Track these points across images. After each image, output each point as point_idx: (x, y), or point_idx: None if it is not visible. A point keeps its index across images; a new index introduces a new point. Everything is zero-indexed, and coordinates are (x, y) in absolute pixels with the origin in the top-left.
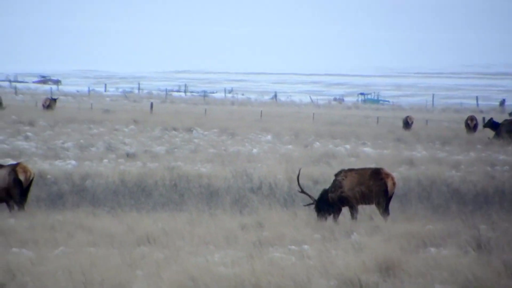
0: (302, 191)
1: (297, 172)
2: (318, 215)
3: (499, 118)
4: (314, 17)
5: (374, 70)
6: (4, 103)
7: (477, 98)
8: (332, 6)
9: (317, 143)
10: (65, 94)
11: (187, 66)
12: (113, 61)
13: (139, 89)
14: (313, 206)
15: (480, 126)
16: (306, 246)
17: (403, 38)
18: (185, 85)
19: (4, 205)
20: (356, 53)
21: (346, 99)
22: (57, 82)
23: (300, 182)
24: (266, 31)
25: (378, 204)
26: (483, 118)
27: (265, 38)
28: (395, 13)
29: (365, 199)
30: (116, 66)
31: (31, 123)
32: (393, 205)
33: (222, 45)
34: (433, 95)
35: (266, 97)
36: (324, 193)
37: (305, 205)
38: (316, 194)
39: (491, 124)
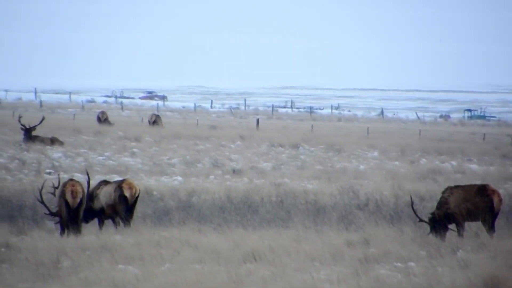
0: (421, 220)
1: (403, 189)
2: (430, 232)
3: None
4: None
5: (480, 86)
6: (111, 119)
7: None
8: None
9: (423, 159)
10: (171, 110)
11: (294, 82)
12: (220, 77)
13: (245, 105)
14: (422, 223)
15: None
16: (412, 263)
17: (510, 52)
18: (292, 101)
19: (110, 221)
20: (462, 69)
21: (452, 115)
22: (163, 98)
23: (404, 199)
24: (373, 46)
25: (484, 221)
26: None
27: (372, 53)
28: (502, 28)
29: (471, 215)
30: (222, 82)
31: (137, 139)
32: (499, 221)
33: (329, 61)
34: None
35: (373, 114)
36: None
37: (419, 220)
38: (422, 211)
39: None
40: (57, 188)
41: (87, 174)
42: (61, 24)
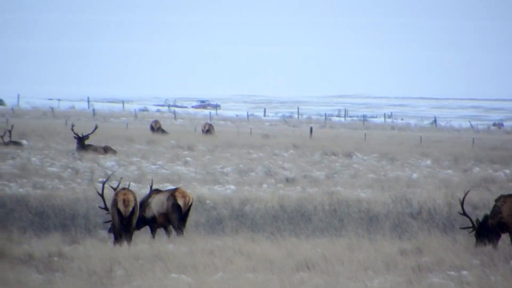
0: (464, 214)
1: (456, 197)
2: (477, 240)
3: None
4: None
5: None
6: (164, 128)
7: None
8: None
9: (476, 168)
10: (224, 119)
11: (347, 91)
12: (273, 86)
13: (298, 114)
14: (470, 231)
15: None
16: (465, 272)
17: None
18: (345, 110)
19: (162, 230)
20: None
21: (505, 123)
22: (216, 106)
23: (457, 207)
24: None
25: None
26: None
27: (425, 62)
28: None
29: None
30: (275, 91)
31: (190, 148)
32: None
33: (382, 70)
34: None
35: (426, 122)
36: (485, 219)
37: (461, 228)
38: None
39: None
40: (115, 189)
41: (151, 183)
42: (113, 34)
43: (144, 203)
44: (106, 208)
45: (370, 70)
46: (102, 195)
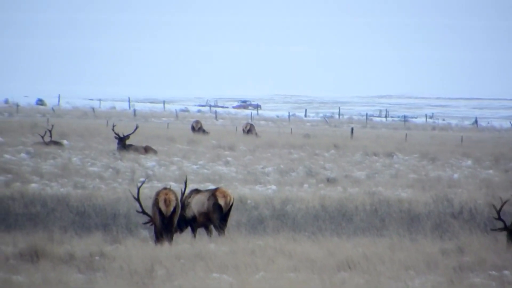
0: (499, 218)
1: (497, 198)
2: (508, 241)
3: None
4: None
5: None
6: (205, 128)
7: None
8: None
9: None
10: (265, 119)
11: (388, 91)
12: (314, 86)
13: (339, 114)
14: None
15: None
16: (506, 272)
17: None
18: (386, 110)
19: (203, 230)
20: None
21: None
22: (257, 107)
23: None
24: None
25: None
26: None
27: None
28: None
29: None
30: (316, 91)
31: (231, 148)
32: None
33: (424, 71)
34: None
35: (467, 122)
36: None
37: (492, 229)
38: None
39: None
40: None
41: (185, 182)
42: (156, 34)
43: (184, 203)
44: (143, 212)
45: (412, 71)
46: (138, 199)
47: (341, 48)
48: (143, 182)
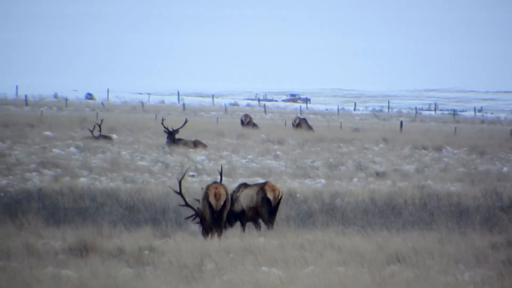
0: None
1: None
2: None
3: None
4: None
5: None
6: (254, 122)
7: None
8: None
9: None
10: (314, 113)
11: (436, 85)
12: (363, 80)
13: (388, 107)
14: None
15: None
16: None
17: None
18: (435, 104)
19: (252, 224)
20: None
21: None
22: (306, 100)
23: None
24: None
25: None
26: None
27: None
28: None
29: None
30: (365, 85)
31: (280, 142)
32: None
33: (472, 64)
34: None
35: None
36: None
37: None
38: None
39: None
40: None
41: (220, 170)
42: (204, 28)
43: (232, 197)
44: (186, 204)
45: (461, 64)
46: (180, 193)
47: (390, 42)
48: (183, 175)
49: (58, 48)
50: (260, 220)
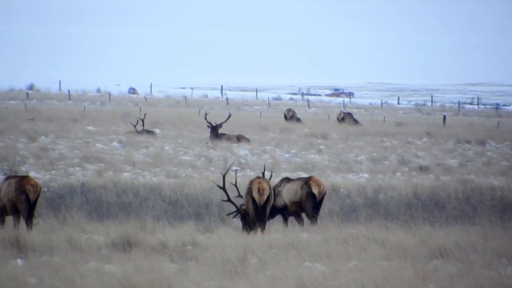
0: None
1: None
2: None
3: None
4: None
5: None
6: (298, 116)
7: None
8: None
9: None
10: (358, 107)
11: (479, 79)
12: (406, 74)
13: (432, 101)
14: None
15: None
16: None
17: None
18: (478, 98)
19: (294, 219)
20: None
21: None
22: (349, 94)
23: None
24: None
25: None
26: None
27: None
28: None
29: None
30: (409, 79)
31: (324, 136)
32: None
33: None
34: None
35: None
36: None
37: None
38: None
39: None
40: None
41: (263, 168)
42: (247, 22)
43: (274, 192)
44: (228, 200)
45: (503, 58)
46: (223, 188)
47: (434, 36)
48: (227, 170)
49: (102, 42)
50: (303, 215)
